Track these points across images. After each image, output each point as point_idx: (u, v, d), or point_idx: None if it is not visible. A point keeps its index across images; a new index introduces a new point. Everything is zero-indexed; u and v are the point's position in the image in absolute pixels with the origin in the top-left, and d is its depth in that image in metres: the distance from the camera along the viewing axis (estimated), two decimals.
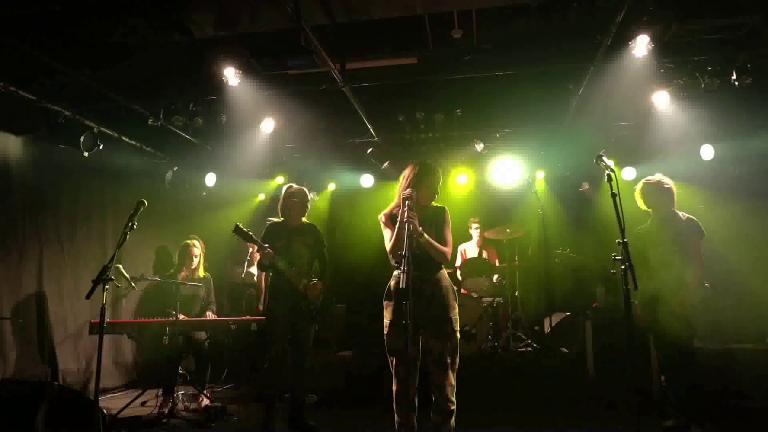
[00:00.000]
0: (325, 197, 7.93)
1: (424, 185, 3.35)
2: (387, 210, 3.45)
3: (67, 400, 4.12)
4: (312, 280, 4.26)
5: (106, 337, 5.80)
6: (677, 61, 4.78)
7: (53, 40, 4.73)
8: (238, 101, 5.59)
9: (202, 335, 5.13)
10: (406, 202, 3.10)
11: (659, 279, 3.97)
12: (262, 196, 8.14)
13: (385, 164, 7.08)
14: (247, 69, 5.22)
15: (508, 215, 7.03)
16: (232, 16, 4.55)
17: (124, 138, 6.28)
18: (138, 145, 6.52)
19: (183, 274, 5.35)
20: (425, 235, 3.14)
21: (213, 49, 4.99)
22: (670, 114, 5.43)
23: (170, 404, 4.68)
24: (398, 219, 3.12)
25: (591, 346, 5.35)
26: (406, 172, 3.40)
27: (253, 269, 6.98)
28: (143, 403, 5.15)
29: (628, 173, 6.68)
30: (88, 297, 3.07)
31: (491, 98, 6.00)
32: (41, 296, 5.15)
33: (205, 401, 4.99)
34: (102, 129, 5.95)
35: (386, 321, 3.27)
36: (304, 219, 4.39)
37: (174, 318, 4.66)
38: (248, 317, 5.24)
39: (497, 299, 6.16)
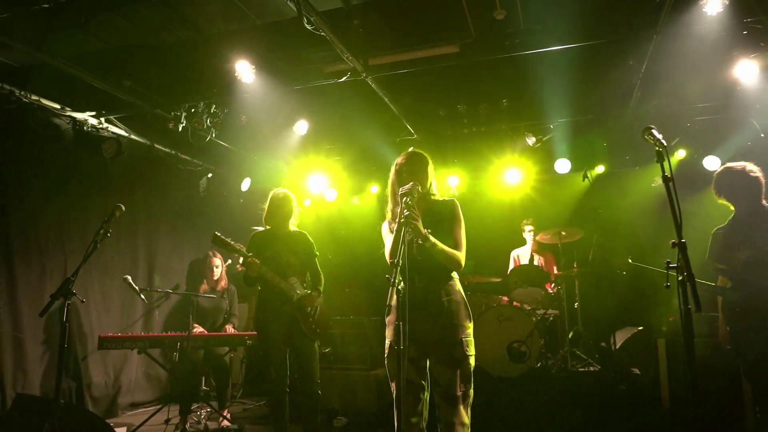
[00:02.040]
0: (368, 200, 7.47)
1: (423, 176, 2.78)
2: (389, 216, 2.91)
3: (73, 417, 3.92)
4: (306, 291, 3.81)
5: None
6: (765, 20, 3.87)
7: (71, 47, 4.65)
8: (262, 100, 5.28)
9: (223, 350, 4.80)
10: (405, 198, 2.55)
11: (750, 289, 3.16)
12: (307, 202, 7.81)
13: None
14: (266, 64, 4.90)
15: (564, 216, 6.22)
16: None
17: (157, 146, 6.17)
18: (173, 152, 6.39)
19: (204, 286, 5.07)
20: (431, 238, 2.56)
21: (227, 45, 4.69)
22: (760, 88, 4.48)
23: (186, 423, 4.37)
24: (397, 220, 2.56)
25: (665, 368, 4.49)
26: (398, 163, 2.84)
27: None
28: (167, 421, 4.89)
29: (711, 163, 5.68)
30: (42, 314, 2.78)
31: (542, 86, 5.32)
32: (65, 308, 5.01)
33: (225, 422, 4.65)
34: (133, 137, 5.86)
35: (387, 342, 2.73)
36: (292, 227, 3.96)
37: (187, 332, 4.36)
38: None
39: (552, 312, 5.39)
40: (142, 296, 4.35)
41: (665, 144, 2.13)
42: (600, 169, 6.12)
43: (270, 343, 3.77)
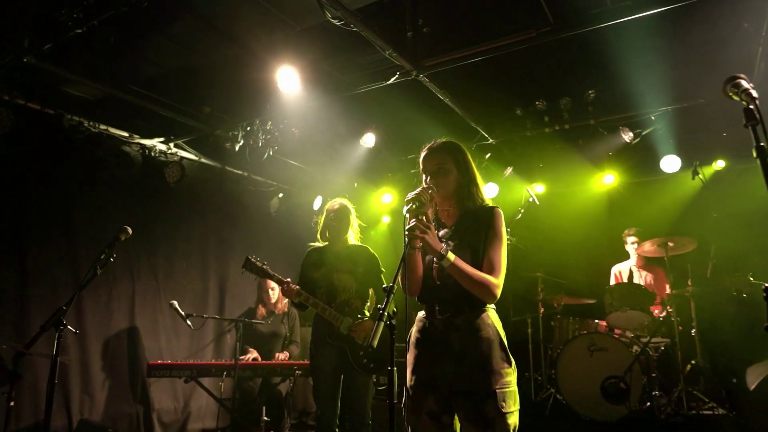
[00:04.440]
0: None
1: (452, 176, 2.21)
2: None
3: None
4: (359, 319, 3.35)
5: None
6: None
7: (131, 75, 4.73)
8: (319, 113, 5.04)
9: (277, 379, 4.51)
10: (410, 205, 2.02)
11: None
12: (386, 219, 7.43)
13: (508, 170, 5.83)
14: (317, 73, 4.63)
15: (671, 223, 5.17)
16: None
17: (228, 168, 6.17)
18: (245, 174, 6.37)
19: (261, 310, 4.83)
20: (450, 256, 2.00)
21: (274, 57, 4.47)
22: None
23: None
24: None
25: None
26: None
27: None
28: None
29: None
30: (28, 346, 2.57)
31: (636, 70, 4.48)
32: (133, 334, 5.05)
33: None
34: (203, 160, 5.90)
35: (407, 384, 2.17)
36: (352, 240, 3.53)
37: (237, 359, 4.12)
38: None
39: (661, 340, 4.43)
40: (188, 322, 4.18)
41: (756, 96, 1.41)
42: (720, 164, 5.01)
43: (317, 375, 3.40)
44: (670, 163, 5.08)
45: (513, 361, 2.05)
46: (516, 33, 4.11)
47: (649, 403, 4.16)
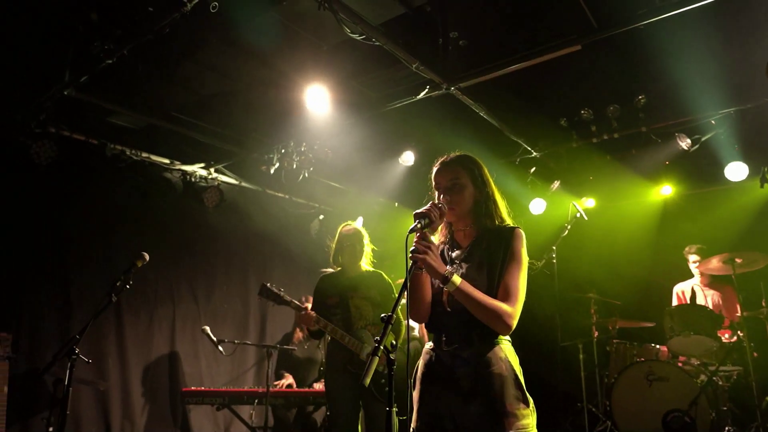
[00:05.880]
0: None
1: (467, 192, 2.02)
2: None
3: None
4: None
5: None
6: None
7: (170, 102, 4.84)
8: (353, 132, 4.96)
9: (310, 407, 4.36)
10: (418, 223, 1.84)
11: None
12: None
13: (555, 183, 5.50)
14: (349, 91, 4.57)
15: (738, 237, 4.66)
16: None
17: (269, 191, 6.18)
18: (286, 196, 6.36)
19: (298, 334, 4.72)
20: (456, 280, 1.80)
21: (303, 76, 4.43)
22: None
23: None
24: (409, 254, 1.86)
25: None
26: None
27: (415, 325, 6.06)
28: None
29: None
30: (40, 376, 2.54)
31: (691, 70, 4.13)
32: (173, 359, 5.06)
33: None
34: (243, 184, 5.93)
35: (412, 425, 1.96)
36: (365, 266, 3.39)
37: (269, 386, 4.01)
38: None
39: (732, 369, 3.95)
40: (221, 348, 4.13)
41: None
42: None
43: (334, 403, 3.28)
44: (736, 171, 4.61)
45: (531, 401, 1.80)
46: (557, 38, 3.89)
47: None
